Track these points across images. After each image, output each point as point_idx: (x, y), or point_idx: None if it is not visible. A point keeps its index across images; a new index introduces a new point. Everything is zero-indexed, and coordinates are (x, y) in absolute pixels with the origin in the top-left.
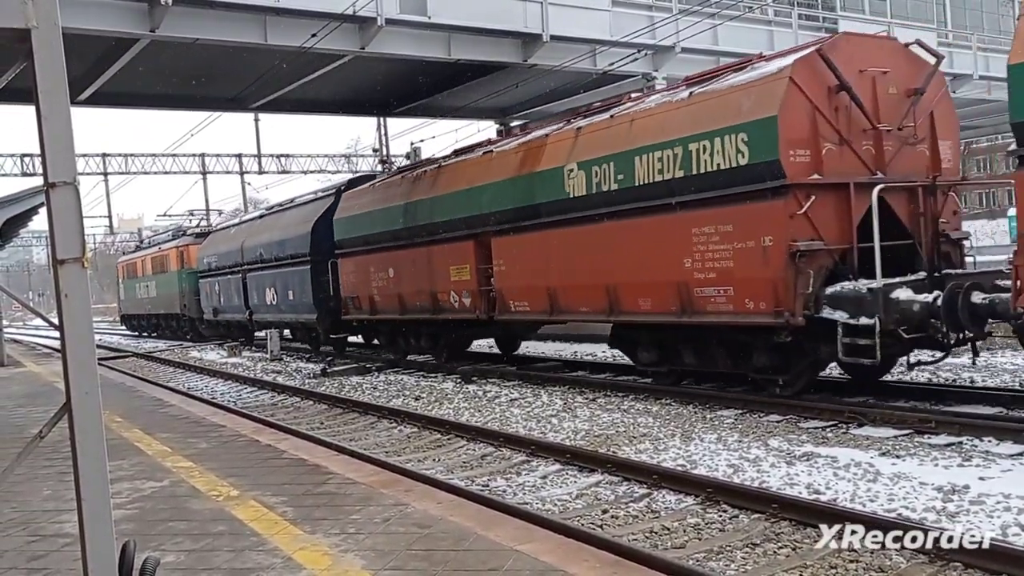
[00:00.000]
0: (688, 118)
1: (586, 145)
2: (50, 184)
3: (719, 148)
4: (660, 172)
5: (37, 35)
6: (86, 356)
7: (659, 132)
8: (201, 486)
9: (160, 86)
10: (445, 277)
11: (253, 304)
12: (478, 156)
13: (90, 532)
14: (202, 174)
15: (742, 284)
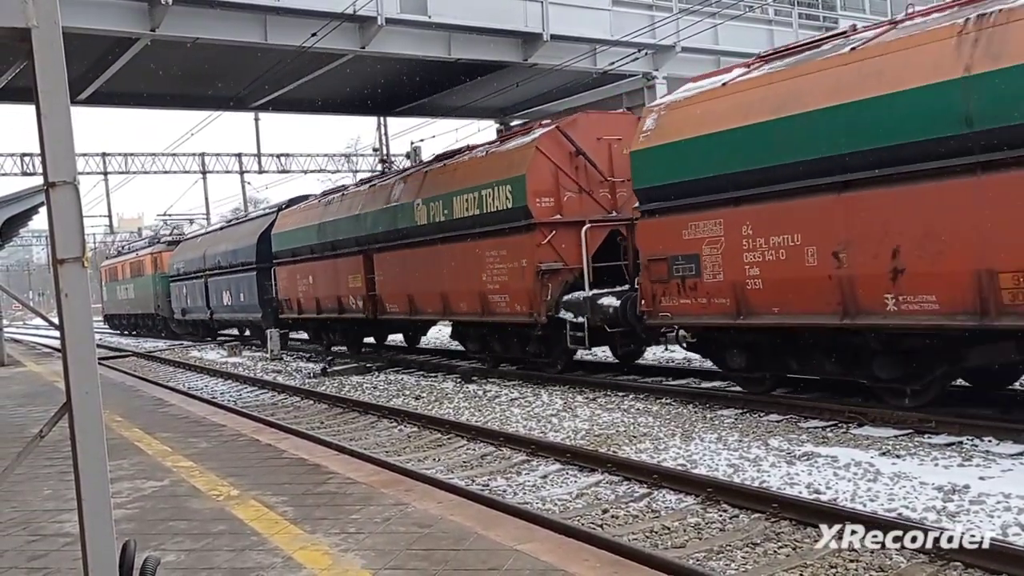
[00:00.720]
0: (483, 171)
1: (429, 185)
2: (50, 183)
3: (497, 195)
4: (467, 209)
5: (37, 34)
6: (86, 355)
7: (468, 180)
8: (201, 486)
9: (160, 86)
10: (346, 284)
11: (213, 305)
12: (366, 188)
13: (90, 531)
14: (202, 174)
15: (513, 293)
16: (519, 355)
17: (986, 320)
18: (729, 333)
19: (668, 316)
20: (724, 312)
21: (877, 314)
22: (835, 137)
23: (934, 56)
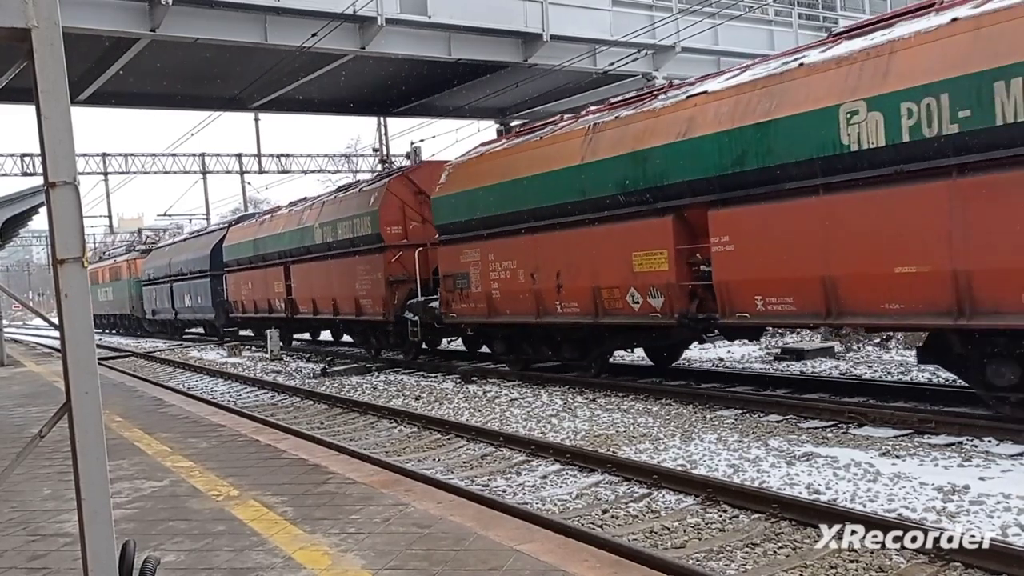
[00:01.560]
0: (353, 205)
1: (325, 212)
2: (50, 184)
3: (364, 223)
4: (345, 233)
5: (37, 35)
6: (86, 356)
7: (347, 210)
8: (201, 486)
9: (160, 86)
10: (273, 289)
11: (178, 306)
12: (286, 211)
13: (90, 531)
14: (202, 174)
15: (374, 299)
16: (374, 347)
17: (597, 319)
18: (489, 328)
19: (455, 316)
20: (483, 313)
21: (552, 315)
22: (531, 196)
23: (571, 149)
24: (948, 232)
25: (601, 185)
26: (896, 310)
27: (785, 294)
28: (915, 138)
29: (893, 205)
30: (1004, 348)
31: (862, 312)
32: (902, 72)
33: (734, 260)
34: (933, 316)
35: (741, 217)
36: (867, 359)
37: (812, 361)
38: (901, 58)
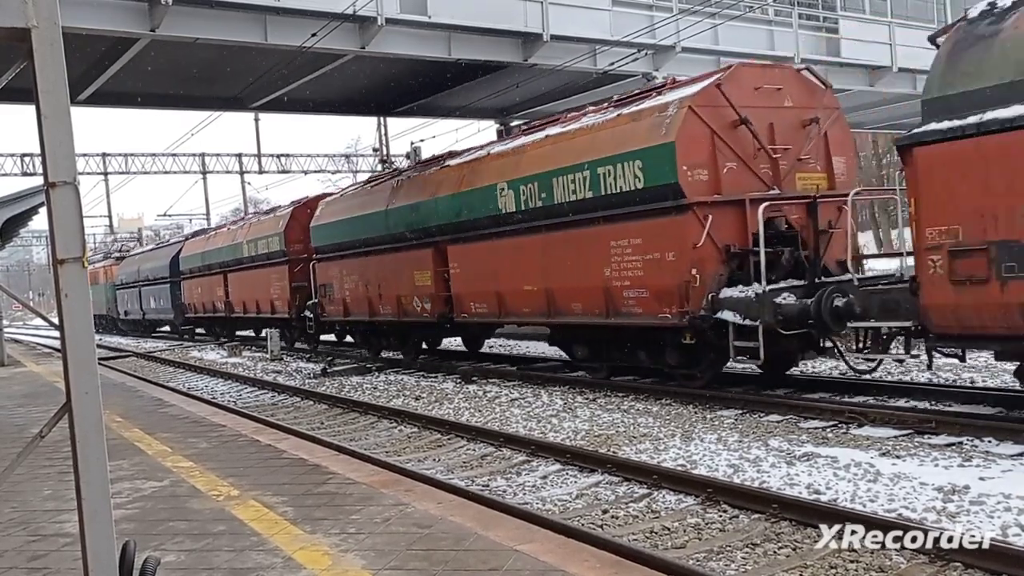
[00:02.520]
0: (268, 227)
1: (252, 232)
2: (50, 184)
3: (275, 241)
4: (263, 248)
5: (37, 34)
6: (86, 356)
7: (263, 231)
8: (201, 486)
9: (160, 86)
10: (216, 293)
11: (145, 308)
12: (226, 229)
13: (90, 532)
14: (202, 174)
15: (283, 301)
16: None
17: (399, 318)
18: (345, 324)
19: (326, 316)
20: (340, 314)
21: (378, 315)
22: (361, 230)
23: (382, 197)
24: (542, 265)
25: (397, 224)
26: (528, 312)
27: (483, 302)
28: (527, 207)
29: (521, 247)
30: (584, 335)
31: (515, 313)
32: (522, 167)
33: (460, 279)
34: (543, 316)
35: (462, 250)
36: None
37: (812, 362)
38: (525, 158)
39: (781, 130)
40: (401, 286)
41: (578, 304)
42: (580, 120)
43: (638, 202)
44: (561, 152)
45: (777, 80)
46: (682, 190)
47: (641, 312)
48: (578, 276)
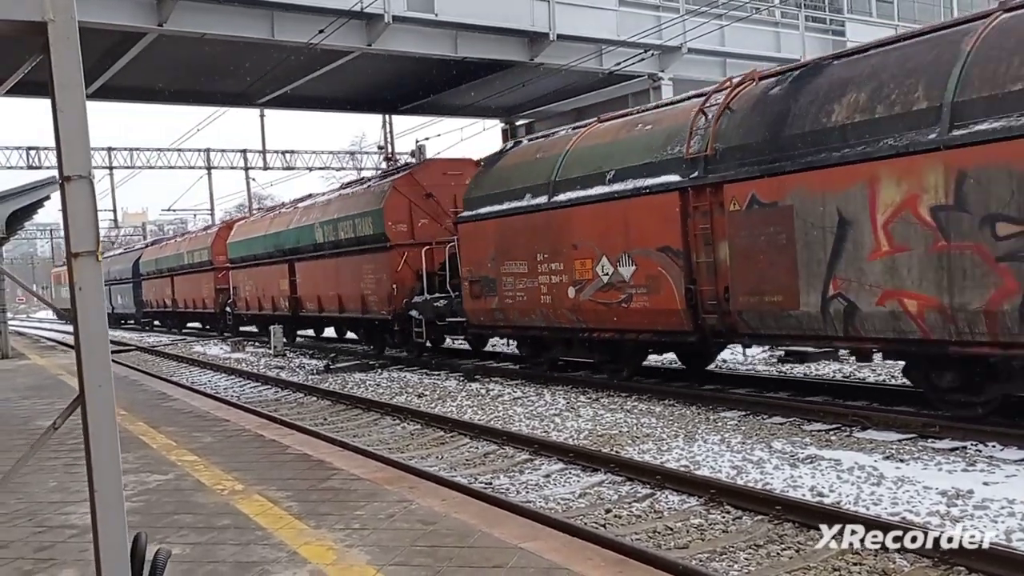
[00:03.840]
0: (187, 243)
1: (183, 245)
2: (65, 177)
3: (201, 252)
4: (196, 258)
5: (54, 28)
6: (100, 349)
7: (192, 246)
8: (206, 480)
9: (167, 80)
10: (166, 292)
11: (114, 304)
12: (172, 242)
13: (103, 523)
14: (207, 169)
15: (210, 300)
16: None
17: (274, 312)
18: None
19: (239, 311)
20: (245, 309)
21: (263, 310)
22: (254, 248)
23: (265, 224)
24: (336, 279)
25: (269, 245)
26: (331, 309)
27: (311, 302)
28: (327, 240)
29: (327, 266)
30: (354, 325)
31: (326, 310)
32: (328, 212)
33: (300, 286)
34: (337, 312)
35: (300, 266)
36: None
37: (815, 364)
38: (330, 207)
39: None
40: (272, 289)
41: (352, 304)
42: (351, 188)
43: (371, 242)
44: (343, 205)
45: (459, 168)
46: (388, 237)
47: (376, 310)
48: (351, 286)
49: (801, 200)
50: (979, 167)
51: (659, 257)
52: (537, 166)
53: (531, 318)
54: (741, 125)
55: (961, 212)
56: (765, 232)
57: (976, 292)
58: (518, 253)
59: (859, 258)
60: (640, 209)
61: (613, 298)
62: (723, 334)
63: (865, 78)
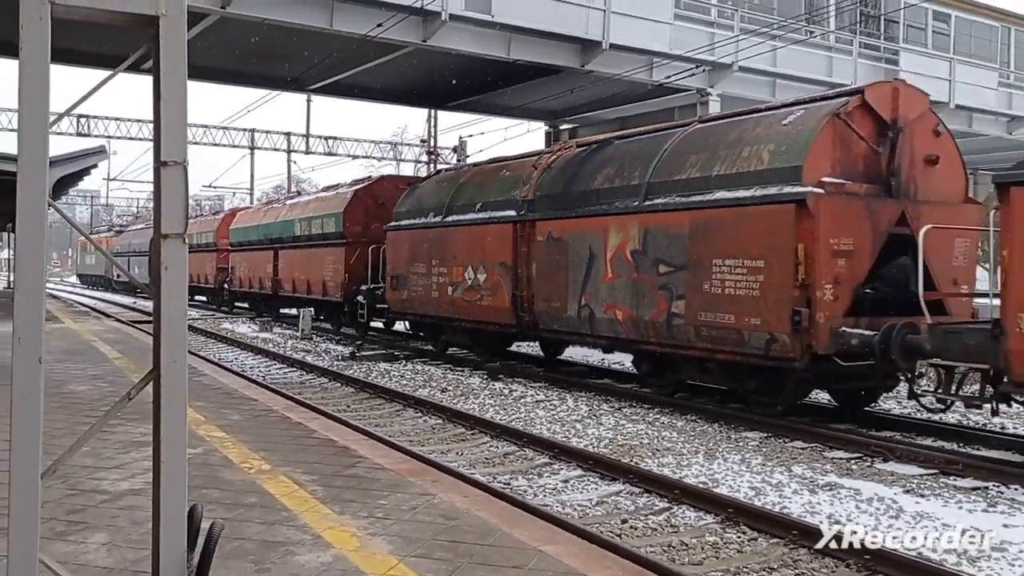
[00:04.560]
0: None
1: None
2: (162, 162)
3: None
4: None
5: (165, 22)
6: (178, 326)
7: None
8: (234, 457)
9: (223, 61)
10: None
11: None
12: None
13: (165, 493)
14: (250, 149)
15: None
16: None
17: (261, 290)
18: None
19: (233, 287)
20: (239, 287)
21: (253, 288)
22: (250, 235)
23: (260, 214)
24: (307, 266)
25: (260, 234)
26: (306, 291)
27: (288, 283)
28: (303, 234)
29: (302, 255)
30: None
31: (301, 292)
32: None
33: (281, 270)
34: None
35: (283, 253)
36: (896, 394)
37: None
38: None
39: None
40: (260, 271)
41: (316, 288)
42: (327, 192)
43: (333, 238)
44: (318, 206)
45: (408, 184)
46: (346, 235)
47: (333, 294)
48: (316, 273)
49: (573, 238)
50: (654, 227)
51: (499, 269)
52: (439, 193)
53: (426, 308)
54: (552, 180)
55: (644, 255)
56: (554, 258)
57: (648, 308)
58: (421, 258)
59: (597, 280)
60: (491, 233)
61: (473, 297)
62: (532, 328)
63: (619, 157)
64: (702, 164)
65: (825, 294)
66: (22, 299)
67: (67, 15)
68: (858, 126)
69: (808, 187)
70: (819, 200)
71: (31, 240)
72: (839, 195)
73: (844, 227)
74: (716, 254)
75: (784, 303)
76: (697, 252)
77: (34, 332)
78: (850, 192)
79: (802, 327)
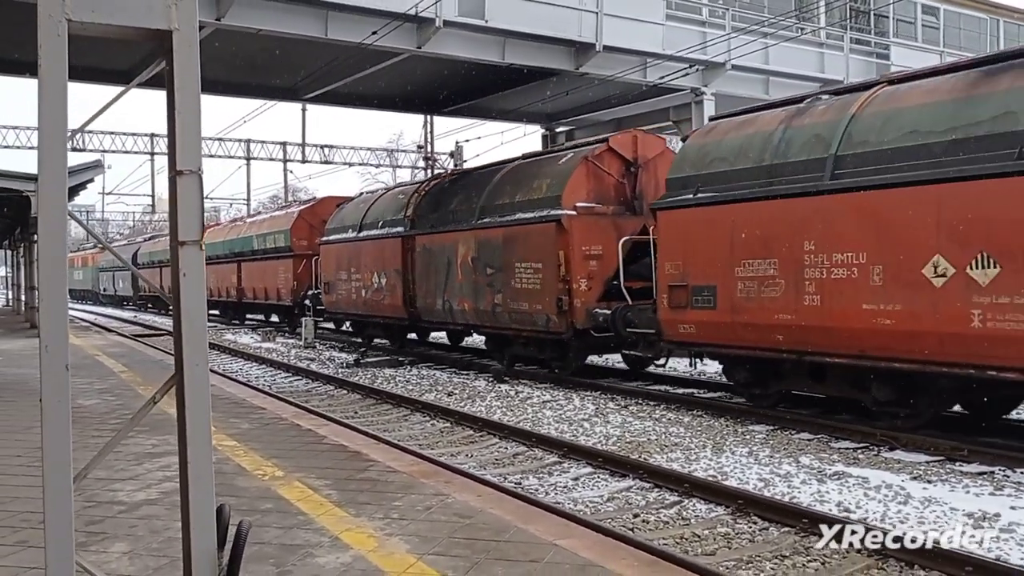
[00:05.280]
0: None
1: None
2: (177, 172)
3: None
4: None
5: (178, 37)
6: (198, 331)
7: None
8: (247, 465)
9: (218, 73)
10: (155, 280)
11: (116, 287)
12: (164, 238)
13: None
14: (246, 160)
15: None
16: None
17: (226, 300)
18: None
19: None
20: (211, 297)
21: (222, 298)
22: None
23: (225, 231)
24: (264, 275)
25: (225, 248)
26: (264, 298)
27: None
28: (258, 248)
29: (260, 266)
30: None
31: (260, 299)
32: (263, 228)
33: (244, 279)
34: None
35: (244, 265)
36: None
37: None
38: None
39: None
40: (227, 282)
41: (272, 294)
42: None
43: (284, 252)
44: (271, 223)
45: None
46: (293, 248)
47: (285, 299)
48: (272, 281)
49: (438, 249)
50: (483, 239)
51: (394, 274)
52: (355, 213)
53: (350, 308)
54: (427, 203)
55: (479, 261)
56: (427, 265)
57: (482, 301)
58: (344, 267)
59: (453, 281)
60: (388, 246)
61: (379, 297)
62: (417, 319)
63: (469, 186)
64: (512, 192)
65: (581, 286)
66: (47, 309)
67: (83, 31)
68: (606, 165)
69: (564, 210)
70: (571, 219)
71: (53, 251)
72: (589, 215)
73: (593, 237)
74: (517, 259)
75: (553, 293)
76: (507, 258)
77: (60, 340)
78: (599, 212)
79: (565, 310)
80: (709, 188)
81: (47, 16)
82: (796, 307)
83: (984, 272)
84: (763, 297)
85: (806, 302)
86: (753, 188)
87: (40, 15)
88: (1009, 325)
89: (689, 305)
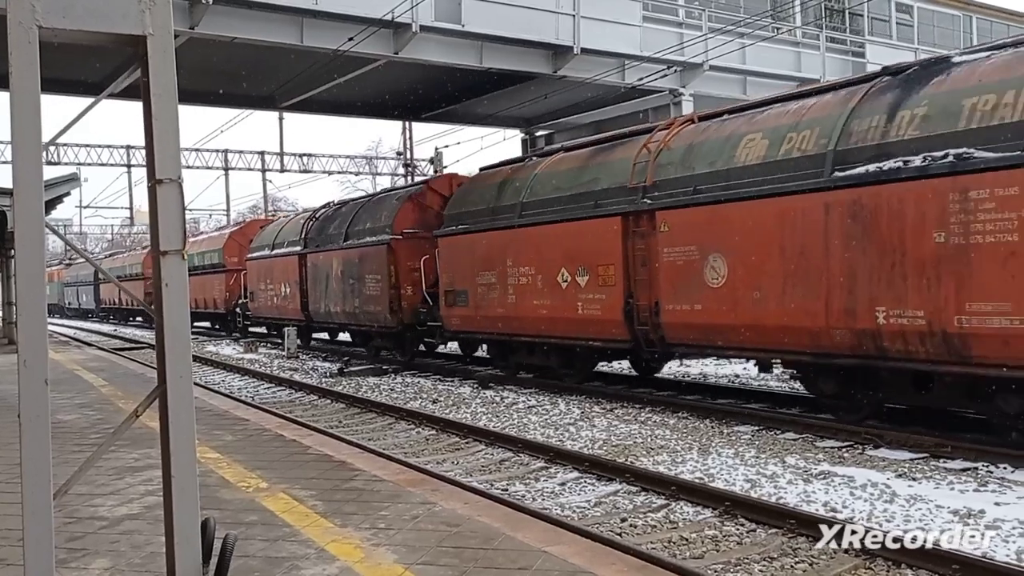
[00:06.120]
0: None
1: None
2: (157, 180)
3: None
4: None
5: (152, 42)
6: (182, 342)
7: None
8: (230, 477)
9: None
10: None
11: (80, 301)
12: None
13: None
14: (224, 170)
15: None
16: None
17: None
18: None
19: None
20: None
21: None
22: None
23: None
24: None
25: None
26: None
27: (195, 303)
28: (200, 264)
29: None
30: None
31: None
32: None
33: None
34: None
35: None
36: None
37: None
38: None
39: None
40: (213, 291)
41: (210, 304)
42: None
43: (219, 267)
44: (208, 243)
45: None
46: (225, 265)
47: (220, 307)
48: (210, 293)
49: (322, 264)
50: (347, 258)
51: (294, 285)
52: (270, 234)
53: (268, 313)
54: (317, 227)
55: (345, 273)
56: (315, 278)
57: (348, 305)
58: (263, 279)
59: (331, 290)
60: (289, 262)
61: (285, 304)
62: (311, 321)
63: (344, 214)
64: (365, 221)
65: (407, 291)
66: (25, 323)
67: (55, 38)
68: (428, 201)
69: (394, 235)
70: (399, 242)
71: (31, 265)
72: (412, 239)
73: (414, 255)
74: (367, 272)
75: (387, 298)
76: (361, 271)
77: (39, 355)
78: (420, 236)
79: (396, 309)
80: (465, 221)
81: (17, 23)
82: (504, 303)
83: (584, 278)
84: (490, 297)
85: (509, 300)
86: (484, 222)
87: (10, 22)
88: (595, 310)
89: (456, 304)
